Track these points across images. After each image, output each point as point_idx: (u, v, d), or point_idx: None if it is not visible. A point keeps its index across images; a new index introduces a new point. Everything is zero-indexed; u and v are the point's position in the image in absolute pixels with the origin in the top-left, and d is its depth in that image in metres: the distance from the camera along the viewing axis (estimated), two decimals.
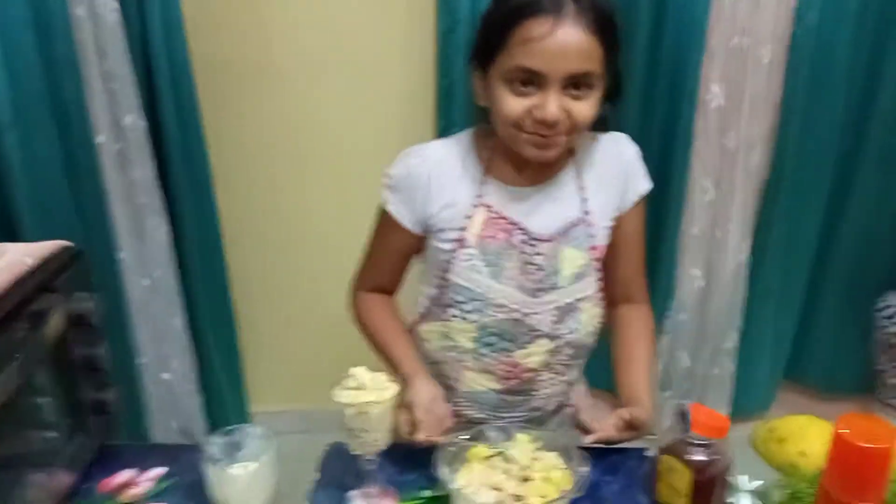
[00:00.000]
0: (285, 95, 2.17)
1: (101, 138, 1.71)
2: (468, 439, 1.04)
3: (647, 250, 2.17)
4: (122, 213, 1.80)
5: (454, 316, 1.18)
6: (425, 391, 1.11)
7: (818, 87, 2.03)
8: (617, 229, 1.22)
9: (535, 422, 1.25)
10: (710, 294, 2.23)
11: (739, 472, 1.01)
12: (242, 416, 2.42)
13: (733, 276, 2.20)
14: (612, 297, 1.27)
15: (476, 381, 1.21)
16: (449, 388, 1.22)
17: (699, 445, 0.95)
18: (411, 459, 1.10)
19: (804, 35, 1.97)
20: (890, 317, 2.16)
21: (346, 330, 2.03)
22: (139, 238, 1.87)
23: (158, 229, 1.90)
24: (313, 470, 1.13)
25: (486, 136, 1.16)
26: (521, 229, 1.14)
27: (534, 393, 1.22)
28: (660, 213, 2.16)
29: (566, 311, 1.17)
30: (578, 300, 1.18)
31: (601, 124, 1.16)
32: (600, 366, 1.33)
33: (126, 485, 1.10)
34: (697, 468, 0.94)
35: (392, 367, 1.20)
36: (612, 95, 1.11)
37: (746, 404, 2.38)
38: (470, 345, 1.18)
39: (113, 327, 1.75)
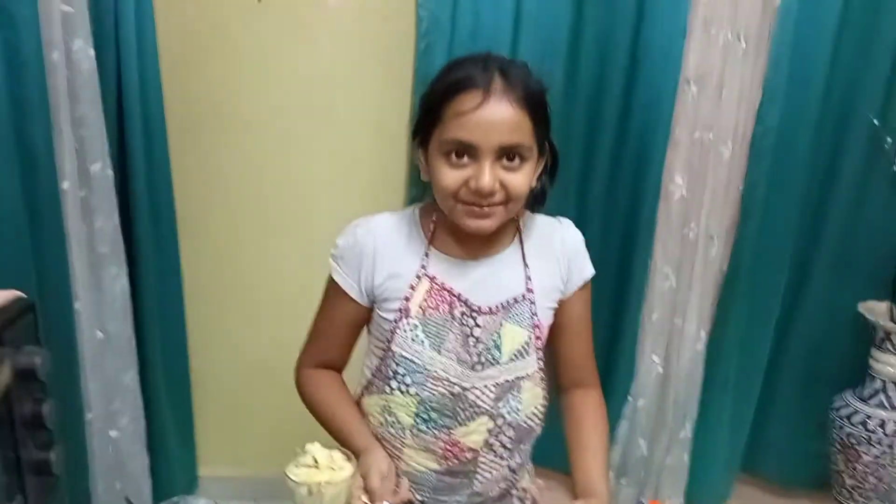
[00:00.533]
0: (255, 152, 2.17)
1: (66, 185, 1.68)
2: None
3: (609, 335, 2.21)
4: (81, 262, 1.75)
5: (395, 389, 1.17)
6: (382, 461, 1.10)
7: (777, 185, 2.10)
8: (562, 313, 1.24)
9: None
10: (668, 381, 2.24)
11: None
12: (190, 479, 2.33)
13: (690, 364, 2.21)
14: (562, 382, 1.28)
15: (415, 461, 1.20)
16: None
17: None
18: None
19: (765, 134, 2.04)
20: (846, 416, 2.18)
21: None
22: (97, 288, 1.83)
23: (117, 280, 1.86)
24: None
25: (431, 210, 1.19)
26: (462, 301, 1.15)
27: (475, 476, 1.20)
28: (622, 299, 2.19)
29: (506, 388, 1.17)
30: (519, 378, 1.18)
31: (541, 199, 1.21)
32: (550, 444, 1.32)
33: None
34: None
35: (344, 442, 1.17)
36: (550, 171, 1.17)
37: (703, 496, 2.36)
38: (409, 420, 1.17)
39: (62, 380, 1.70)
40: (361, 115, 2.15)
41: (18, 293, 1.09)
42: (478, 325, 1.14)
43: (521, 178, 1.08)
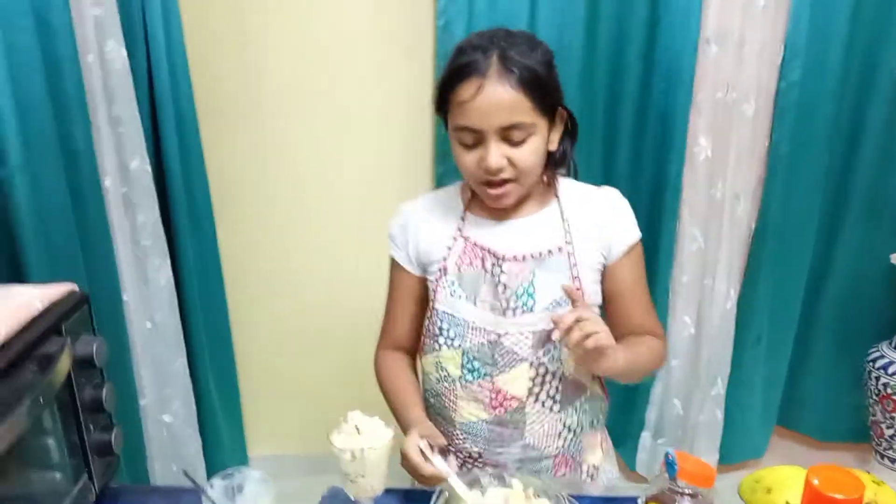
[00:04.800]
0: (285, 139, 2.21)
1: (108, 181, 1.75)
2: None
3: None
4: (127, 256, 1.83)
5: (442, 345, 1.25)
6: (425, 427, 1.18)
7: (803, 140, 2.09)
8: (611, 280, 1.26)
9: (532, 466, 1.26)
10: (701, 341, 2.26)
11: None
12: (241, 460, 2.43)
13: (721, 323, 2.24)
14: None
15: (467, 411, 1.25)
16: (449, 420, 1.28)
17: (687, 494, 0.97)
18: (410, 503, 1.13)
19: (788, 90, 2.04)
20: (882, 367, 2.19)
21: (345, 376, 2.06)
22: (142, 281, 1.91)
23: (161, 272, 1.94)
24: None
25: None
26: (491, 253, 1.22)
27: (524, 426, 1.24)
28: (651, 262, 2.19)
29: (545, 337, 1.20)
30: None
31: (562, 161, 1.26)
32: None
33: None
34: None
35: (400, 420, 1.26)
36: (570, 135, 1.23)
37: (738, 452, 2.40)
38: (457, 372, 1.24)
39: (116, 369, 1.78)
40: (386, 95, 2.18)
41: (72, 286, 1.16)
42: (503, 272, 1.20)
43: (527, 152, 1.14)
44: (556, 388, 1.23)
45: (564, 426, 1.26)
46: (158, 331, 1.96)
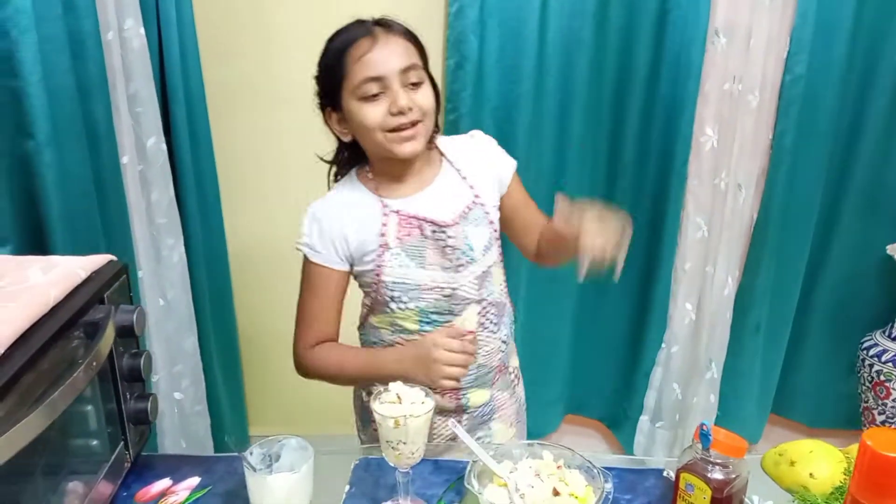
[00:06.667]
0: (293, 122, 2.20)
1: (126, 159, 1.76)
2: (493, 455, 1.09)
3: (643, 283, 2.28)
4: (142, 233, 1.84)
5: (395, 308, 1.33)
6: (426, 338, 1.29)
7: (806, 132, 2.13)
8: (509, 204, 1.43)
9: (482, 380, 1.40)
10: (701, 327, 2.31)
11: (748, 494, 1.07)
12: (242, 440, 2.44)
13: (720, 310, 2.28)
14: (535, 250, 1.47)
15: None
16: None
17: (718, 464, 1.01)
18: (440, 473, 1.16)
19: (793, 83, 2.09)
20: (875, 355, 2.25)
21: None
22: (156, 258, 1.91)
23: (174, 250, 1.95)
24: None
25: (363, 170, 1.37)
26: (429, 222, 1.31)
27: (477, 352, 1.35)
28: (655, 249, 2.25)
29: (483, 277, 1.36)
30: (490, 267, 1.37)
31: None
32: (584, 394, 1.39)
33: (163, 494, 1.14)
34: (717, 486, 1.00)
35: (380, 369, 1.31)
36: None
37: None
38: (415, 327, 1.34)
39: None
40: None
41: (110, 256, 1.17)
42: (450, 237, 1.31)
43: (426, 95, 1.27)
44: (494, 313, 1.39)
45: (501, 341, 1.42)
46: (171, 308, 1.97)
